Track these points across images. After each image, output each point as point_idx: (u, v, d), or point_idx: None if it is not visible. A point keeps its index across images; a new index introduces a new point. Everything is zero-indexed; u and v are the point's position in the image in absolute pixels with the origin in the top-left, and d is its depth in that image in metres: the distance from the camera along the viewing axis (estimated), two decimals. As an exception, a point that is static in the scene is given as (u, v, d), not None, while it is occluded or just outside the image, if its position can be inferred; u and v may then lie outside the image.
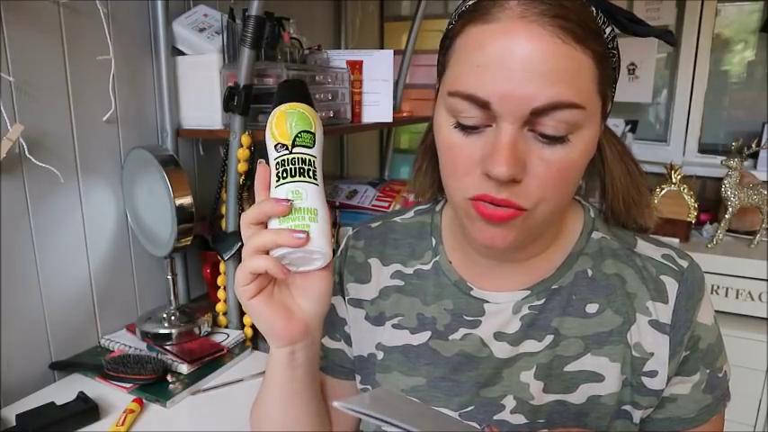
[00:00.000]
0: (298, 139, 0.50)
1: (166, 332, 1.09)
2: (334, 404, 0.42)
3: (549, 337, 0.57)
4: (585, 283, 0.58)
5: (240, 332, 1.16)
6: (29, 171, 0.97)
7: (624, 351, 0.56)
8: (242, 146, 1.10)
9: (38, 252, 1.00)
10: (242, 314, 1.19)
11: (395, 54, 1.42)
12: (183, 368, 1.03)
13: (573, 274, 0.58)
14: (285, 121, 0.51)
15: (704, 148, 2.13)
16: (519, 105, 0.44)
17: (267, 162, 0.52)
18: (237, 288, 0.50)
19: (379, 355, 0.63)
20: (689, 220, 1.86)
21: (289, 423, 0.59)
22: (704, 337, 0.57)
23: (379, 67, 1.39)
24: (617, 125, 2.06)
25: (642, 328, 0.56)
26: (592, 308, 0.57)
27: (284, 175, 0.50)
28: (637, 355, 0.56)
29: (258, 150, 1.15)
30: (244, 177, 1.13)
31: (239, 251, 1.16)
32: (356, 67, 1.40)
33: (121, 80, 1.11)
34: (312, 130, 0.52)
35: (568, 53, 0.44)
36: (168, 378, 1.00)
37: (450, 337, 0.60)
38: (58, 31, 0.99)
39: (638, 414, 0.57)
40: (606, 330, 0.56)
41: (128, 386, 0.97)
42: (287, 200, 0.48)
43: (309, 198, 0.50)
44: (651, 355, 0.56)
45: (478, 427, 0.57)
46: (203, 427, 0.90)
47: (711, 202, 2.02)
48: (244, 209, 1.16)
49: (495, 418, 0.57)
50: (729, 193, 1.74)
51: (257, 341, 1.17)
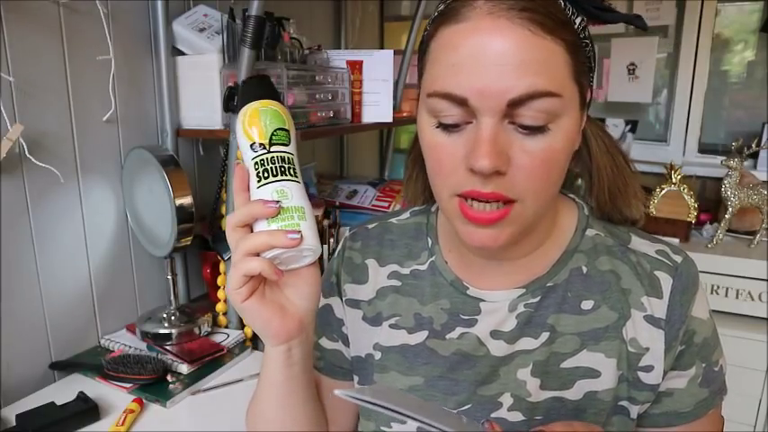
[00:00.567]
0: (274, 137, 0.50)
1: (166, 332, 1.09)
2: (335, 392, 0.42)
3: (545, 335, 0.57)
4: (580, 280, 0.58)
5: (240, 332, 1.16)
6: (29, 171, 0.97)
7: (620, 347, 0.56)
8: (242, 146, 1.10)
9: (38, 252, 1.00)
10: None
11: (395, 54, 1.42)
12: (183, 368, 1.03)
13: (568, 271, 0.58)
14: (259, 120, 0.51)
15: (704, 148, 2.13)
16: (496, 99, 0.45)
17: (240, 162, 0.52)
18: (230, 292, 0.50)
19: (377, 355, 0.63)
20: (689, 220, 1.86)
21: (286, 423, 0.59)
22: (699, 331, 0.57)
23: (379, 67, 1.39)
24: (617, 125, 2.06)
25: (637, 323, 0.56)
26: (587, 304, 0.57)
27: (266, 174, 0.49)
28: (632, 351, 0.56)
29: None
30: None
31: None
32: (356, 67, 1.40)
33: (121, 80, 1.11)
34: (286, 128, 0.51)
35: (539, 44, 0.45)
36: (168, 378, 1.00)
37: (448, 337, 0.60)
38: (58, 31, 0.99)
39: (634, 409, 0.57)
40: (602, 326, 0.56)
41: (128, 386, 0.97)
42: (275, 201, 0.48)
43: (295, 196, 0.50)
44: (647, 350, 0.56)
45: (477, 422, 0.58)
46: (203, 427, 0.90)
47: (711, 202, 2.02)
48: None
49: (493, 415, 0.58)
50: (729, 193, 1.74)
51: (257, 341, 1.16)
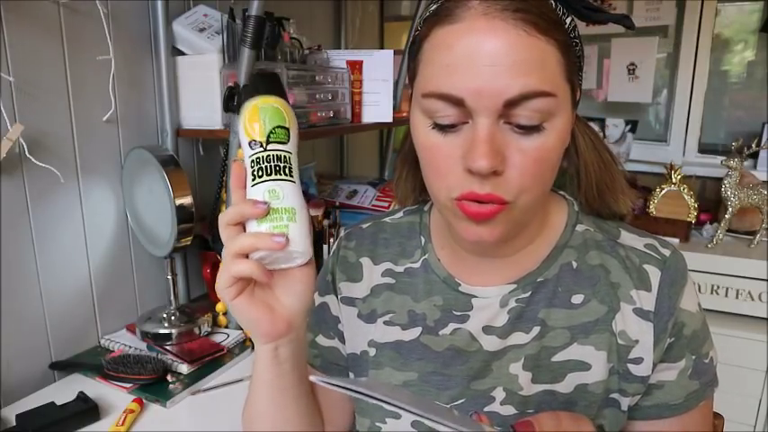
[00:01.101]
0: (272, 135, 0.49)
1: (166, 332, 1.09)
2: (311, 378, 0.43)
3: (536, 329, 0.58)
4: (570, 274, 0.59)
5: (240, 332, 1.16)
6: (29, 171, 0.97)
7: (610, 339, 0.57)
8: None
9: (38, 252, 1.00)
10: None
11: (395, 54, 1.42)
12: (183, 368, 1.03)
13: (558, 266, 0.59)
14: (258, 117, 0.50)
15: (704, 148, 2.13)
16: (492, 99, 0.46)
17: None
18: (220, 290, 0.51)
19: (372, 351, 0.64)
20: (689, 220, 1.86)
21: (277, 421, 0.60)
22: (689, 323, 0.57)
23: (379, 67, 1.39)
24: (617, 125, 2.06)
25: (627, 316, 0.57)
26: (577, 299, 0.58)
27: (260, 173, 0.49)
28: (622, 343, 0.57)
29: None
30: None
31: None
32: (356, 67, 1.40)
33: (121, 80, 1.11)
34: (286, 126, 0.50)
35: (533, 44, 0.46)
36: (168, 378, 1.00)
37: (441, 333, 0.61)
38: (58, 31, 0.99)
39: (625, 401, 0.58)
40: (592, 320, 0.57)
41: (128, 386, 0.97)
42: (264, 202, 0.48)
43: (287, 197, 0.49)
44: (636, 342, 0.57)
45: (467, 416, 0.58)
46: (203, 427, 0.90)
47: (711, 202, 2.02)
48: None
49: (486, 409, 0.58)
50: (729, 193, 1.74)
51: (257, 341, 1.17)
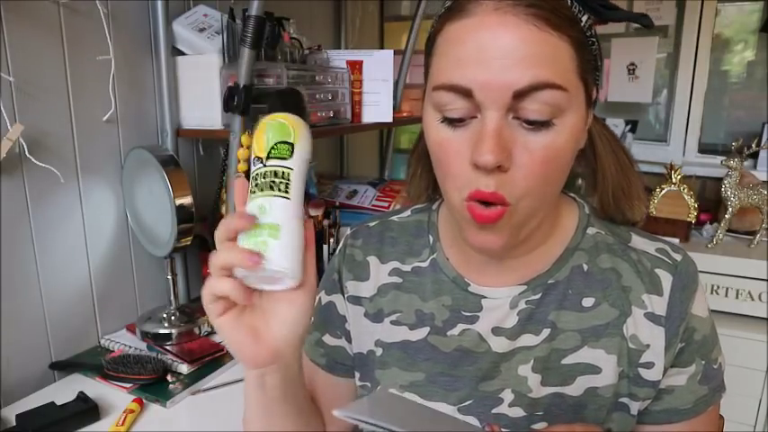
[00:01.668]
0: (273, 151, 0.48)
1: (166, 332, 1.09)
2: (334, 413, 0.42)
3: (546, 331, 0.57)
4: (581, 277, 0.58)
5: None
6: (29, 171, 0.97)
7: (620, 343, 0.56)
8: (242, 146, 1.10)
9: (38, 252, 1.00)
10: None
11: (395, 54, 1.42)
12: (183, 368, 1.03)
13: (569, 268, 0.59)
14: (263, 134, 0.49)
15: (704, 148, 2.13)
16: (500, 91, 0.46)
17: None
18: (204, 306, 0.48)
19: (378, 351, 0.63)
20: (689, 220, 1.86)
21: None
22: (699, 328, 0.57)
23: (379, 67, 1.39)
24: (617, 125, 2.06)
25: (638, 320, 0.56)
26: (588, 301, 0.57)
27: (254, 189, 0.48)
28: (633, 347, 0.56)
29: (258, 150, 1.15)
30: (244, 177, 1.13)
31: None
32: (356, 67, 1.40)
33: (121, 80, 1.11)
34: (290, 141, 0.49)
35: (544, 39, 0.46)
36: (168, 378, 1.00)
37: (449, 333, 0.60)
38: (58, 31, 0.99)
39: (635, 406, 0.57)
40: (602, 323, 0.57)
41: (128, 386, 0.97)
42: (251, 215, 0.46)
43: (273, 213, 0.47)
44: (647, 346, 0.56)
45: (479, 424, 0.58)
46: (203, 427, 0.90)
47: (711, 202, 2.02)
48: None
49: (494, 411, 0.58)
50: (729, 193, 1.74)
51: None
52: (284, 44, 1.24)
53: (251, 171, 0.49)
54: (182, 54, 1.19)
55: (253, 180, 0.49)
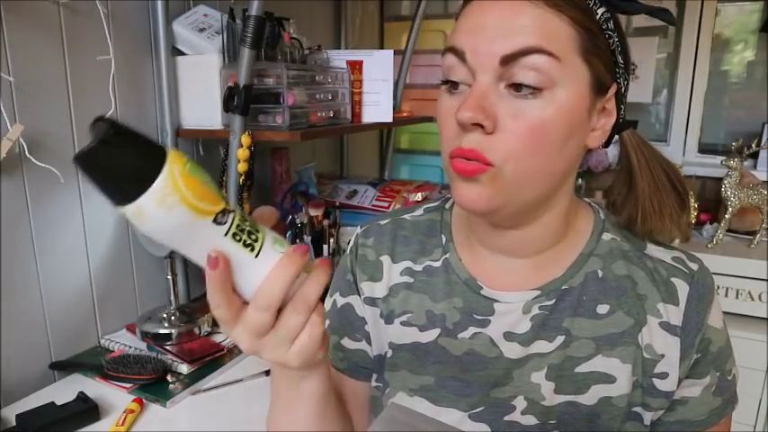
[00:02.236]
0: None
1: (166, 332, 1.09)
2: None
3: (560, 338, 0.56)
4: (596, 283, 0.57)
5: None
6: (29, 171, 0.97)
7: (635, 352, 0.55)
8: (242, 146, 1.10)
9: (38, 252, 1.00)
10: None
11: (395, 54, 1.42)
12: (183, 368, 1.03)
13: (583, 274, 0.58)
14: (197, 182, 0.38)
15: (704, 148, 2.13)
16: (489, 56, 0.48)
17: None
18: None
19: (389, 353, 0.63)
20: (689, 220, 1.86)
21: None
22: (715, 340, 0.57)
23: (379, 67, 1.39)
24: (617, 125, 2.06)
25: (653, 329, 0.56)
26: (603, 309, 0.57)
27: (252, 237, 0.44)
28: (648, 357, 0.56)
29: (258, 150, 1.15)
30: (244, 177, 1.13)
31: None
32: (356, 67, 1.40)
33: (121, 80, 1.11)
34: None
35: (539, 14, 0.48)
36: (168, 378, 1.00)
37: (460, 336, 0.59)
38: (58, 31, 0.99)
39: (648, 416, 0.57)
40: (617, 332, 0.56)
41: (128, 386, 0.97)
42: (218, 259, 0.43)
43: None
44: (662, 356, 0.55)
45: (489, 429, 0.57)
46: (203, 427, 0.90)
47: (711, 202, 2.02)
48: (244, 209, 1.16)
49: (506, 419, 0.57)
50: (729, 193, 1.74)
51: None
52: (284, 44, 1.24)
53: (219, 234, 0.42)
54: (182, 54, 1.19)
55: (238, 234, 0.43)
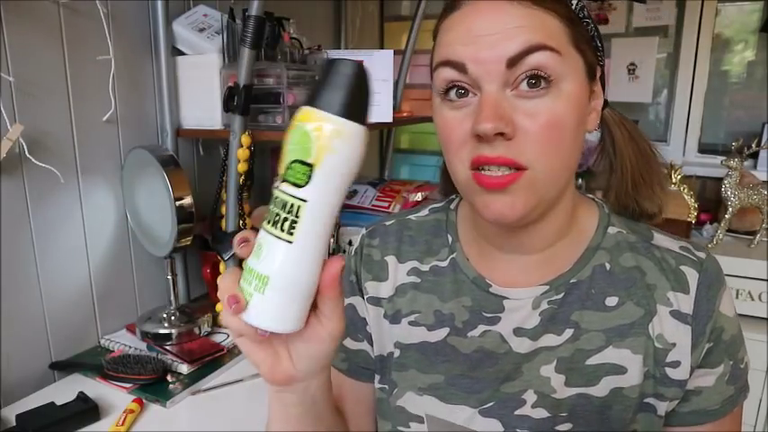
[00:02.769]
0: (288, 171, 0.38)
1: (166, 332, 1.09)
2: None
3: (570, 331, 0.57)
4: (604, 276, 0.58)
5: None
6: (29, 171, 0.97)
7: (646, 343, 0.56)
8: (242, 146, 1.10)
9: (38, 252, 1.00)
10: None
11: (395, 54, 1.42)
12: (183, 368, 1.03)
13: (591, 268, 0.58)
14: (288, 140, 0.38)
15: (704, 148, 2.13)
16: (494, 63, 0.48)
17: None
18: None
19: (396, 352, 0.63)
20: (689, 220, 1.86)
21: None
22: (727, 328, 0.57)
23: (379, 67, 1.39)
24: (617, 125, 2.06)
25: (663, 318, 0.56)
26: (611, 301, 0.57)
27: (268, 213, 0.39)
28: (659, 347, 0.56)
29: (258, 150, 1.15)
30: (244, 177, 1.13)
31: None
32: (356, 67, 1.39)
33: (121, 80, 1.11)
34: (308, 161, 0.37)
35: (530, 13, 0.48)
36: (168, 378, 1.00)
37: (469, 334, 0.59)
38: (58, 31, 0.99)
39: (662, 406, 0.57)
40: (627, 323, 0.56)
41: (128, 386, 0.97)
42: (245, 240, 0.40)
43: (267, 259, 0.38)
44: (673, 345, 0.56)
45: (501, 427, 0.57)
46: (203, 427, 0.90)
47: (711, 202, 2.02)
48: (244, 209, 1.16)
49: (516, 413, 0.57)
50: (729, 193, 1.74)
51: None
52: (284, 44, 1.24)
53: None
54: (182, 54, 1.19)
55: (272, 196, 0.40)
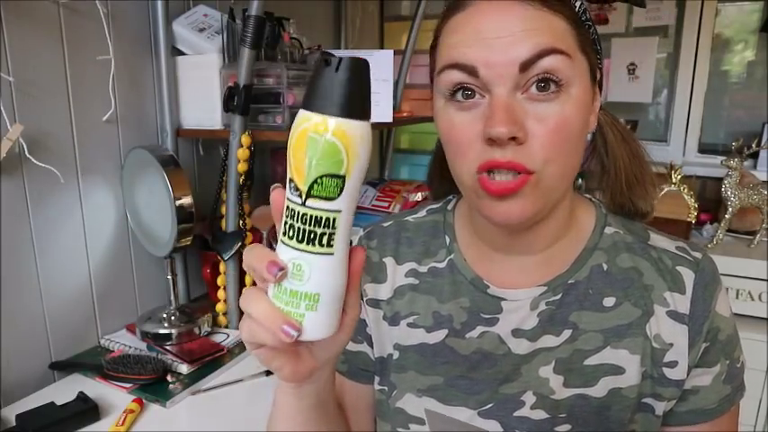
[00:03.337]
0: (316, 187, 0.35)
1: (166, 332, 1.09)
2: None
3: (568, 332, 0.57)
4: (601, 277, 0.58)
5: (240, 332, 1.16)
6: (29, 171, 0.96)
7: (644, 343, 0.56)
8: (242, 146, 1.10)
9: (38, 252, 1.00)
10: (242, 314, 1.19)
11: (395, 54, 1.42)
12: (183, 368, 1.03)
13: (588, 268, 0.58)
14: (304, 152, 0.34)
15: (704, 148, 2.13)
16: (506, 67, 0.47)
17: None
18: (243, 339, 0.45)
19: (396, 354, 0.63)
20: (689, 220, 1.86)
21: None
22: (723, 328, 0.57)
23: (379, 67, 1.39)
24: (617, 125, 2.06)
25: (661, 319, 0.56)
26: (609, 301, 0.57)
27: (290, 232, 0.37)
28: (657, 347, 0.56)
29: (258, 150, 1.15)
30: (244, 177, 1.13)
31: (239, 251, 1.16)
32: (356, 67, 1.39)
33: (121, 80, 1.11)
34: (341, 173, 0.34)
35: (539, 15, 0.48)
36: (168, 378, 1.00)
37: (468, 335, 0.59)
38: (58, 31, 0.99)
39: (660, 406, 0.57)
40: (625, 323, 0.56)
41: (128, 386, 0.97)
42: (281, 268, 0.37)
43: (314, 278, 0.37)
44: (671, 345, 0.56)
45: (501, 428, 0.57)
46: (203, 427, 0.90)
47: (711, 202, 2.02)
48: (244, 209, 1.16)
49: (516, 414, 0.57)
50: (729, 193, 1.74)
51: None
52: (284, 44, 1.24)
53: (286, 196, 0.38)
54: (182, 54, 1.19)
55: (288, 215, 0.37)
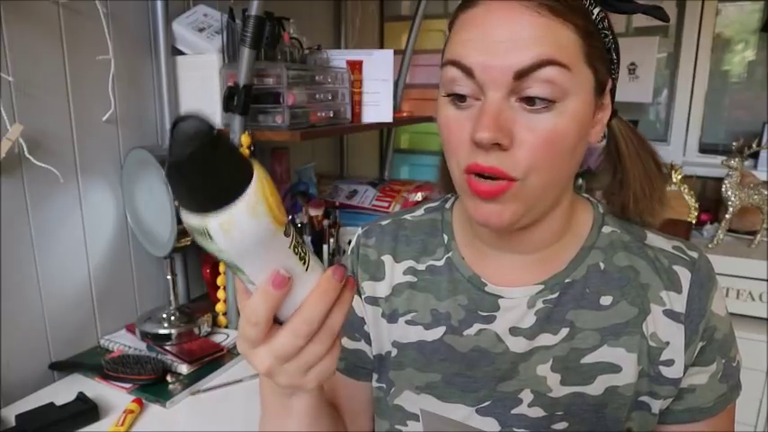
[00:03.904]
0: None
1: (166, 332, 1.09)
2: None
3: (565, 330, 0.57)
4: (598, 276, 0.58)
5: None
6: (29, 171, 0.96)
7: (640, 342, 0.56)
8: (242, 146, 1.10)
9: (38, 252, 1.00)
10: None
11: (395, 54, 1.42)
12: (183, 368, 1.03)
13: (585, 267, 0.59)
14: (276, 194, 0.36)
15: (705, 148, 2.13)
16: (501, 72, 0.47)
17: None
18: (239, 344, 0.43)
19: (394, 351, 0.63)
20: (689, 220, 1.86)
21: None
22: (719, 327, 0.58)
23: (379, 67, 1.39)
24: (617, 125, 2.06)
25: (657, 317, 0.57)
26: (606, 300, 0.57)
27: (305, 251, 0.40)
28: (653, 345, 0.56)
29: (258, 150, 1.15)
30: None
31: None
32: (356, 67, 1.40)
33: (121, 80, 1.11)
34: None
35: (546, 24, 0.47)
36: (168, 378, 1.00)
37: (465, 333, 0.60)
38: (57, 31, 0.99)
39: (656, 404, 0.57)
40: (622, 322, 0.57)
41: (127, 386, 0.97)
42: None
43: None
44: (667, 344, 0.56)
45: (498, 426, 0.57)
46: (203, 427, 0.90)
47: (712, 202, 2.02)
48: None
49: (513, 412, 0.57)
50: (730, 192, 1.74)
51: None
52: (284, 44, 1.24)
53: (284, 246, 0.37)
54: (182, 54, 1.19)
55: (298, 249, 0.39)
